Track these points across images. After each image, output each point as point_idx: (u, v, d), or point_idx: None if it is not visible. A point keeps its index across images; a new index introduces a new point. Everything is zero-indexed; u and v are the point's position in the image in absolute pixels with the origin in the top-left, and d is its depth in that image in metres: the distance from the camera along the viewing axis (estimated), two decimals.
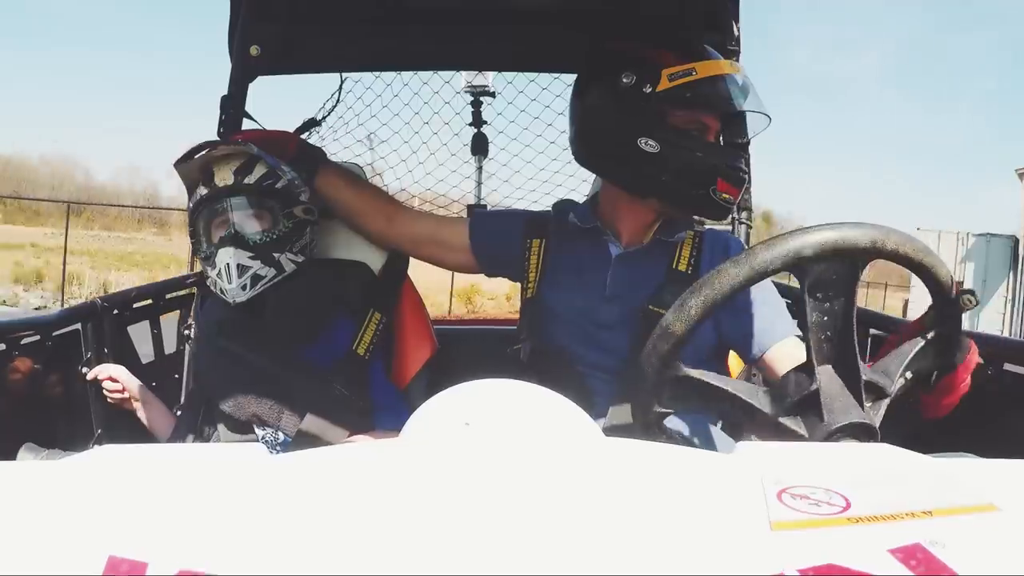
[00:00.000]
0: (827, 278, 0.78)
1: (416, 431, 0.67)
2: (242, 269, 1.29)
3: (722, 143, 1.35)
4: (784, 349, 1.22)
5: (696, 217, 1.39)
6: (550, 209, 1.49)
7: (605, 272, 1.34)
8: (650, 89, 1.25)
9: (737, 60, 1.72)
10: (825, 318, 0.79)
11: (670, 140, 1.25)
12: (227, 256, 1.29)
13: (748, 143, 1.39)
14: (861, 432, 0.77)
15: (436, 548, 0.44)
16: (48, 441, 1.30)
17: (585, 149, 1.37)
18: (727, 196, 1.27)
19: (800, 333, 1.29)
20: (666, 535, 0.46)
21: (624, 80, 1.27)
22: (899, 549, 0.44)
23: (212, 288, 1.34)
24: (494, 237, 1.46)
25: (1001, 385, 1.23)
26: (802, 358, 0.82)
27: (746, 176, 1.31)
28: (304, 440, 1.26)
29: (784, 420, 0.80)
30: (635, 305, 1.28)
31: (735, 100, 1.29)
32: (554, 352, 1.34)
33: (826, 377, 0.79)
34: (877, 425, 0.79)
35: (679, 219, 1.36)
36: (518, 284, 1.45)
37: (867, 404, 0.79)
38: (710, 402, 0.85)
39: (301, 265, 1.36)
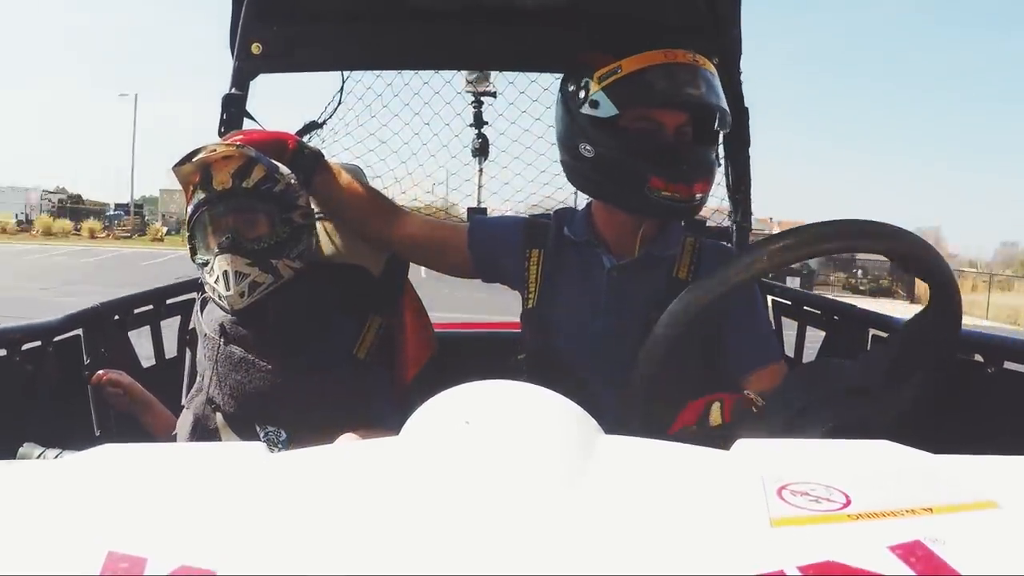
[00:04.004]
0: None
1: (416, 430, 0.67)
2: (240, 276, 1.28)
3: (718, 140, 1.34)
4: (766, 377, 1.23)
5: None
6: (550, 214, 1.50)
7: (600, 285, 1.34)
8: (584, 94, 1.27)
9: (738, 62, 1.72)
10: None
11: (602, 142, 1.26)
12: (224, 263, 1.28)
13: (716, 135, 1.33)
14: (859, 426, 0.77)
15: (436, 545, 0.44)
16: (48, 444, 1.30)
17: (561, 159, 1.39)
18: (668, 194, 1.23)
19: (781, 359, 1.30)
20: (666, 532, 0.46)
21: (570, 88, 1.30)
22: (899, 546, 0.44)
23: (210, 294, 1.34)
24: (493, 244, 1.47)
25: (1001, 384, 1.23)
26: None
27: (696, 172, 1.25)
28: (304, 440, 1.26)
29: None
30: (633, 316, 1.27)
31: (678, 89, 1.25)
32: (555, 362, 1.34)
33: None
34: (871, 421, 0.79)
35: (662, 228, 1.36)
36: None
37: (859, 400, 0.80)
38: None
39: (299, 271, 1.36)
